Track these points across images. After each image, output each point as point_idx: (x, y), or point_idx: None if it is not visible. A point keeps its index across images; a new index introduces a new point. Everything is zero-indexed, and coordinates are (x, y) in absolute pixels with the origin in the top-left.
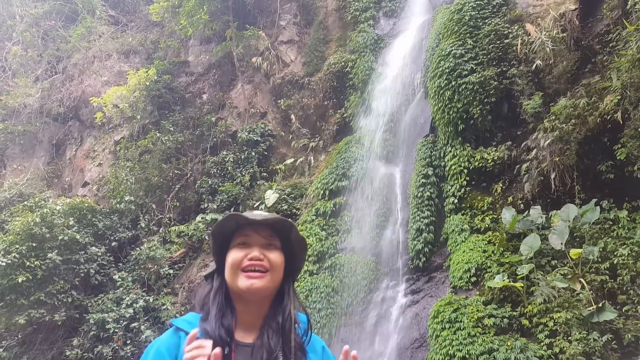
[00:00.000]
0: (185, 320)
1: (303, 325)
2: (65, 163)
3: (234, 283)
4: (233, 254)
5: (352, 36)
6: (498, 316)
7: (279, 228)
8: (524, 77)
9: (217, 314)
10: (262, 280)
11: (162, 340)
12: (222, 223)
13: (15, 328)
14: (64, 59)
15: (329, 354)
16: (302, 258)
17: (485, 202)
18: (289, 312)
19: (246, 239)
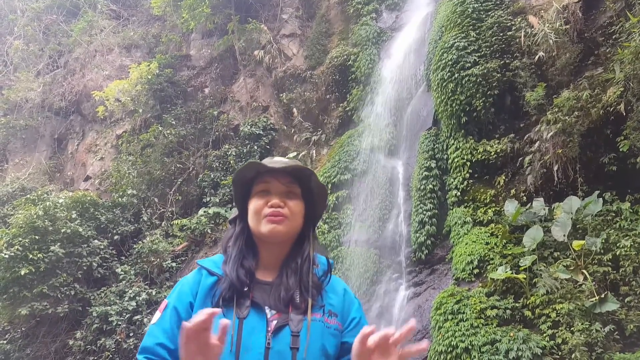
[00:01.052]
0: (210, 260)
1: (323, 267)
2: (67, 157)
3: (257, 228)
4: (254, 202)
5: (355, 29)
6: (501, 307)
7: (298, 175)
8: (526, 70)
9: (237, 256)
10: (283, 225)
11: (187, 278)
12: (242, 171)
13: (18, 321)
14: (66, 53)
15: (352, 296)
16: (322, 205)
17: (488, 194)
18: (307, 253)
19: (266, 186)
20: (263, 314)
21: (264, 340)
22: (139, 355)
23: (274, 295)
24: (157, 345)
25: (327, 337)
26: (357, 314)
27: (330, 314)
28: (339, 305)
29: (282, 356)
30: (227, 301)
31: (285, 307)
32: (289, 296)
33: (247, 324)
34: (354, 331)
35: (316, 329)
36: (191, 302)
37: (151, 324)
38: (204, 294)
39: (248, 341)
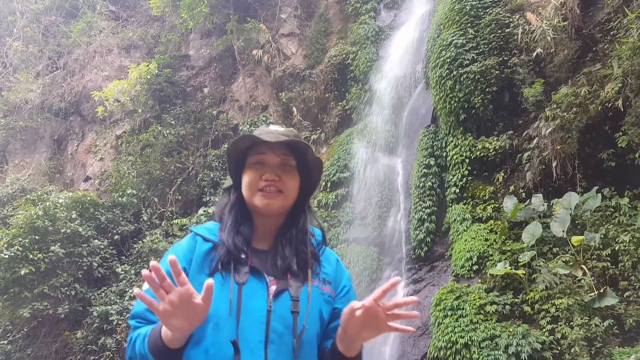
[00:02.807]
0: (204, 227)
1: (317, 238)
2: (67, 158)
3: (251, 200)
4: (249, 174)
5: (353, 28)
6: (500, 303)
7: (294, 147)
8: (525, 66)
9: (233, 224)
10: (278, 200)
11: (180, 244)
12: (237, 142)
13: (19, 321)
14: (65, 54)
15: (342, 266)
16: (317, 178)
17: (487, 191)
18: (302, 224)
19: (261, 158)
20: (262, 280)
21: (265, 303)
22: (130, 320)
23: (271, 263)
24: (148, 310)
25: (322, 303)
26: (348, 283)
27: (324, 282)
28: (332, 273)
29: (283, 319)
30: (225, 267)
31: (283, 275)
32: (286, 265)
33: (247, 289)
34: (344, 298)
35: (314, 295)
36: (185, 268)
37: (143, 290)
38: (200, 260)
39: (249, 305)
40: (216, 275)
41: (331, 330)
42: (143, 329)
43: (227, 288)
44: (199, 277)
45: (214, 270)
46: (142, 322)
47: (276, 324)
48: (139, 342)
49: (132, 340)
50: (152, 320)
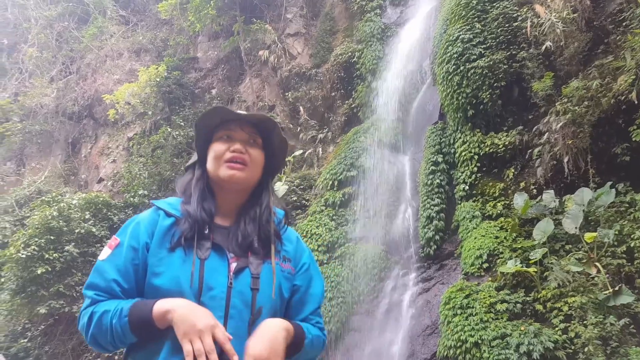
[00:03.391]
0: (166, 202)
1: (279, 217)
2: (81, 160)
3: (216, 173)
4: (216, 146)
5: (359, 26)
6: (511, 301)
7: (262, 127)
8: (534, 60)
9: (199, 198)
10: (243, 172)
11: (141, 216)
12: (206, 116)
13: (37, 319)
14: (78, 59)
15: (303, 245)
16: (282, 158)
17: (497, 188)
18: (266, 203)
19: (229, 133)
20: (224, 256)
21: (226, 279)
22: (87, 290)
23: (233, 240)
24: (109, 281)
25: (282, 279)
26: (308, 259)
27: (285, 259)
28: (292, 251)
29: (243, 296)
30: (188, 242)
31: (244, 252)
32: (248, 242)
33: (209, 264)
34: (304, 275)
35: (276, 271)
36: (147, 242)
37: (99, 260)
38: (161, 235)
39: (210, 280)
40: (178, 250)
41: (292, 306)
42: (109, 303)
43: (189, 262)
44: (159, 252)
45: (175, 245)
46: (102, 295)
47: (236, 300)
48: (111, 318)
49: (97, 314)
50: (113, 292)
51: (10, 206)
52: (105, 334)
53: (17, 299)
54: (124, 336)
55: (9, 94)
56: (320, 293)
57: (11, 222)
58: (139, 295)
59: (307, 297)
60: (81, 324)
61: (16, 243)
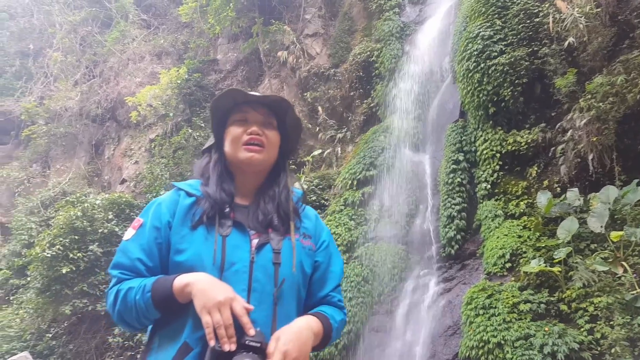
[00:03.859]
0: (186, 183)
1: (298, 195)
2: (104, 162)
3: (234, 155)
4: (233, 129)
5: (378, 25)
6: (535, 302)
7: (276, 107)
8: (556, 56)
9: (218, 180)
10: (261, 154)
11: (163, 198)
12: (220, 98)
13: (61, 318)
14: (101, 62)
15: (322, 223)
16: (296, 138)
17: (520, 186)
18: (284, 183)
19: (244, 116)
20: (245, 233)
21: (248, 255)
22: (112, 270)
23: (253, 218)
24: (135, 260)
25: (304, 255)
26: (327, 237)
27: (305, 236)
28: (312, 228)
29: (265, 270)
30: (210, 220)
31: (264, 229)
32: (268, 220)
33: (230, 241)
34: (324, 252)
35: (296, 247)
36: (169, 221)
37: (124, 241)
38: (183, 214)
39: (232, 256)
40: (200, 228)
41: (314, 283)
42: (134, 281)
43: (211, 240)
44: (181, 230)
45: (197, 223)
46: (127, 274)
47: (258, 274)
48: (135, 294)
49: (122, 292)
50: (138, 271)
51: (36, 207)
52: (131, 310)
53: (42, 298)
54: (147, 312)
55: (35, 97)
56: (340, 270)
57: (37, 223)
58: (164, 273)
59: (328, 274)
60: (108, 303)
61: (42, 243)
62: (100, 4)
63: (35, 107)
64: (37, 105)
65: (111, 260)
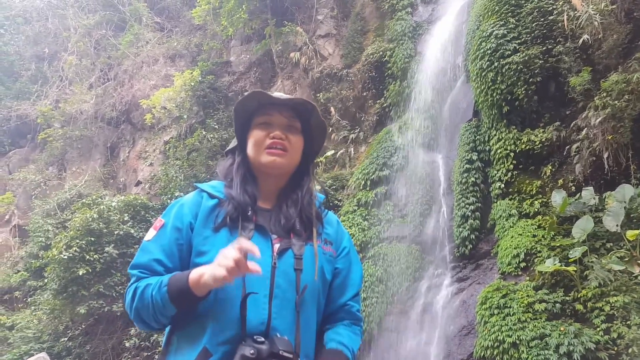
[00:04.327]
0: (209, 185)
1: (320, 200)
2: (119, 164)
3: (257, 159)
4: (256, 133)
5: (390, 25)
6: (550, 301)
7: (300, 110)
8: (571, 54)
9: (241, 182)
10: (283, 158)
11: (185, 199)
12: (244, 101)
13: (78, 319)
14: (115, 66)
15: (343, 229)
16: (321, 141)
17: (534, 185)
18: (308, 187)
19: (268, 119)
20: (268, 237)
21: (270, 260)
22: (132, 270)
23: (275, 222)
24: (154, 261)
25: (324, 262)
26: (348, 244)
27: (326, 242)
28: (333, 234)
29: (287, 276)
30: (233, 222)
31: (286, 234)
32: (290, 224)
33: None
34: (344, 259)
35: (318, 254)
36: (191, 223)
37: (145, 241)
38: (205, 215)
39: (254, 260)
40: (223, 230)
41: (333, 289)
42: (152, 279)
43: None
44: (204, 231)
45: (220, 225)
46: (146, 273)
47: (280, 280)
48: (152, 290)
49: (140, 289)
50: (157, 271)
51: (53, 209)
52: (148, 307)
53: (59, 299)
54: (164, 307)
55: (51, 101)
56: (359, 278)
57: (54, 225)
58: None
59: (348, 281)
60: (127, 302)
61: (58, 245)
62: (114, 8)
63: (51, 111)
64: (53, 108)
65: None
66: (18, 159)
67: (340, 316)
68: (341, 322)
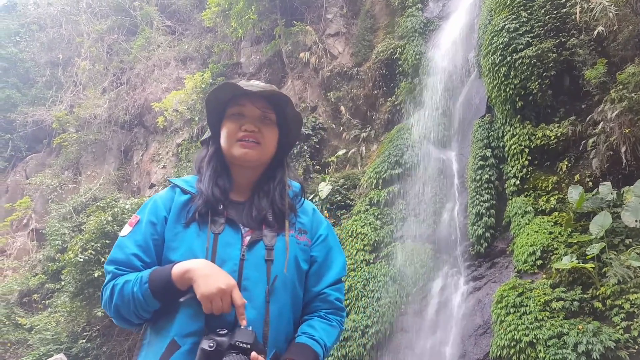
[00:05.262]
0: (183, 179)
1: (296, 190)
2: (133, 167)
3: (229, 151)
4: (228, 125)
5: (400, 22)
6: (567, 299)
7: (275, 101)
8: (585, 47)
9: (212, 175)
10: (255, 151)
11: (159, 195)
12: (217, 91)
13: (95, 320)
14: (127, 70)
15: (320, 216)
16: (296, 133)
17: (550, 181)
18: (280, 178)
19: (241, 109)
20: (238, 230)
21: (238, 252)
22: (108, 266)
23: (247, 214)
24: (132, 255)
25: (298, 251)
26: (325, 231)
27: (300, 232)
28: (308, 223)
29: (257, 268)
30: (202, 217)
31: (258, 225)
32: (262, 216)
33: (222, 239)
34: (320, 246)
35: (290, 244)
36: (165, 217)
37: (121, 237)
38: (178, 210)
39: (223, 254)
40: (193, 225)
41: (309, 277)
42: (129, 275)
43: (203, 237)
44: (175, 227)
45: (190, 220)
46: (124, 270)
47: (249, 272)
48: (132, 286)
49: (119, 286)
50: (135, 266)
51: (69, 213)
52: (128, 303)
53: (76, 301)
54: (146, 303)
55: (65, 106)
56: (339, 266)
57: (70, 228)
58: None
59: (324, 269)
60: (104, 300)
61: (74, 247)
62: (125, 12)
63: (66, 116)
64: (68, 113)
65: None
66: (35, 163)
67: (316, 305)
68: (317, 312)
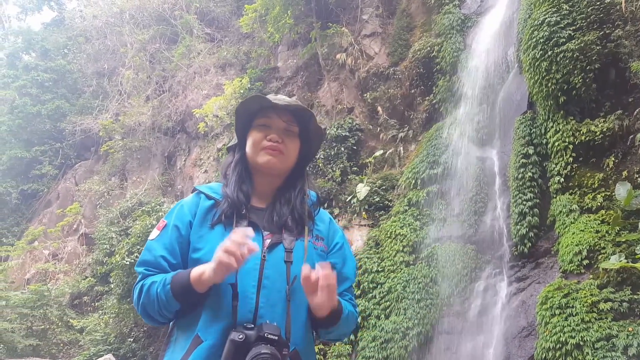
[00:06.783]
0: (208, 186)
1: (313, 199)
2: (176, 172)
3: (254, 158)
4: (255, 134)
5: (437, 19)
6: (616, 300)
7: (299, 115)
8: (631, 38)
9: (237, 181)
10: (278, 159)
11: (185, 200)
12: (246, 103)
13: (141, 322)
14: (169, 77)
15: (336, 226)
16: (317, 146)
17: (596, 178)
18: (300, 187)
19: (267, 121)
20: (259, 233)
21: (259, 253)
22: (138, 267)
23: (268, 219)
24: (159, 257)
25: (315, 256)
26: (341, 240)
27: (317, 238)
28: (325, 231)
29: (276, 268)
30: (228, 219)
31: (278, 230)
32: (282, 221)
33: None
34: (337, 253)
35: (308, 248)
36: (190, 221)
37: (149, 240)
38: (202, 214)
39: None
40: (218, 227)
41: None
42: (157, 276)
43: (226, 238)
44: (200, 230)
45: (216, 222)
46: (153, 270)
47: (269, 272)
48: (157, 287)
49: (146, 286)
50: (163, 267)
51: (116, 217)
52: (153, 303)
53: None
54: (168, 304)
55: (111, 114)
56: (353, 272)
57: (117, 232)
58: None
59: (342, 276)
60: (134, 299)
61: (121, 251)
62: (166, 22)
63: (112, 124)
64: (113, 121)
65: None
66: (83, 170)
67: None
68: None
